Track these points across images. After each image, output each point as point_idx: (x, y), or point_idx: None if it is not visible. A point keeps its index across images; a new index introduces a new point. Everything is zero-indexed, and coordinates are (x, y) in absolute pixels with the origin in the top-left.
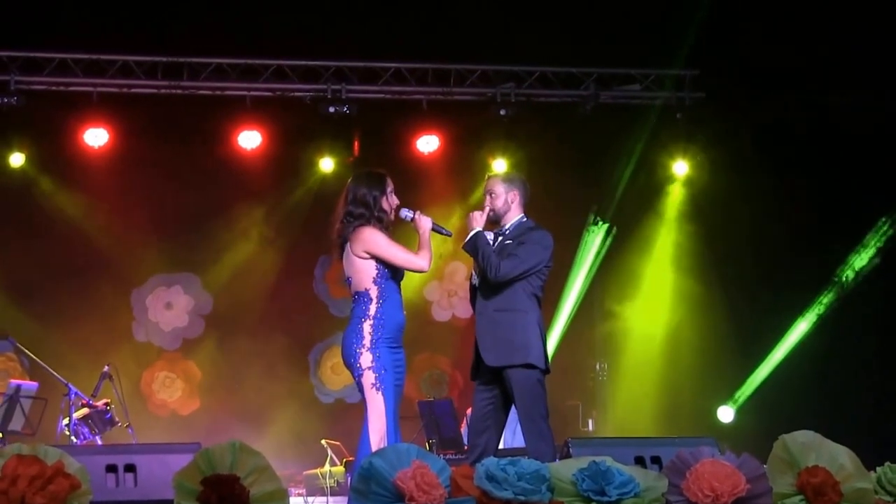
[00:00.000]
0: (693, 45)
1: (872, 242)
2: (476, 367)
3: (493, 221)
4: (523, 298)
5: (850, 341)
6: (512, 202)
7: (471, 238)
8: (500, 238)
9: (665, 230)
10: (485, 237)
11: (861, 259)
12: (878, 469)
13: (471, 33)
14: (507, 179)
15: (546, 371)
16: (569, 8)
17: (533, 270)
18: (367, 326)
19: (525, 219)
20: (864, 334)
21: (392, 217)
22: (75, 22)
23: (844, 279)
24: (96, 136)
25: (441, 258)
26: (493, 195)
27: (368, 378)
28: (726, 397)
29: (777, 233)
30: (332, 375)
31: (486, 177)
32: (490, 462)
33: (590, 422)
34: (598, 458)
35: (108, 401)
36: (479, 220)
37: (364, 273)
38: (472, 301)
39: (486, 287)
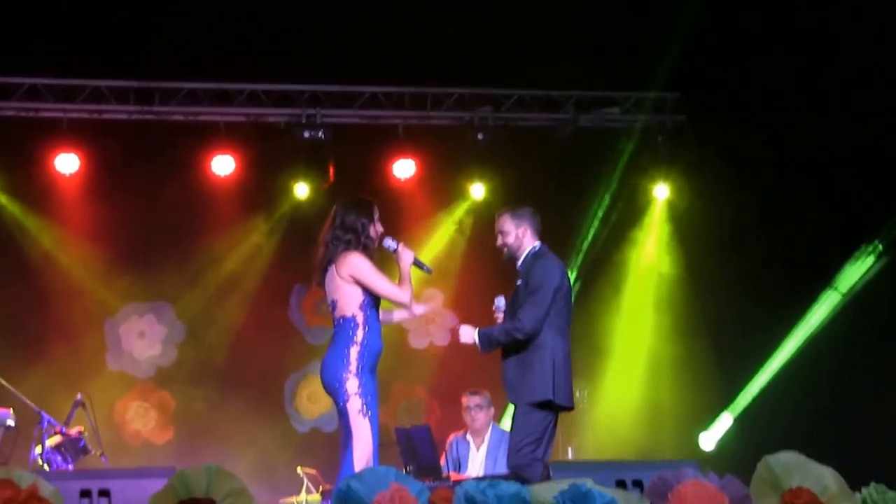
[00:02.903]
0: (674, 67)
1: (858, 265)
2: None
3: (510, 258)
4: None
5: (834, 366)
6: (523, 236)
7: (482, 343)
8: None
9: (645, 254)
10: (485, 331)
11: (844, 285)
12: (864, 490)
13: (448, 56)
14: (516, 215)
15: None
16: (547, 30)
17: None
18: (353, 352)
19: (536, 247)
20: (847, 358)
21: (376, 246)
22: (45, 47)
23: (829, 305)
24: (67, 163)
25: (417, 285)
26: (503, 234)
27: (355, 404)
28: (709, 423)
29: (760, 256)
30: (309, 404)
31: (496, 216)
32: (469, 485)
33: (569, 450)
34: (578, 481)
35: (82, 429)
36: (468, 332)
37: (351, 298)
38: None
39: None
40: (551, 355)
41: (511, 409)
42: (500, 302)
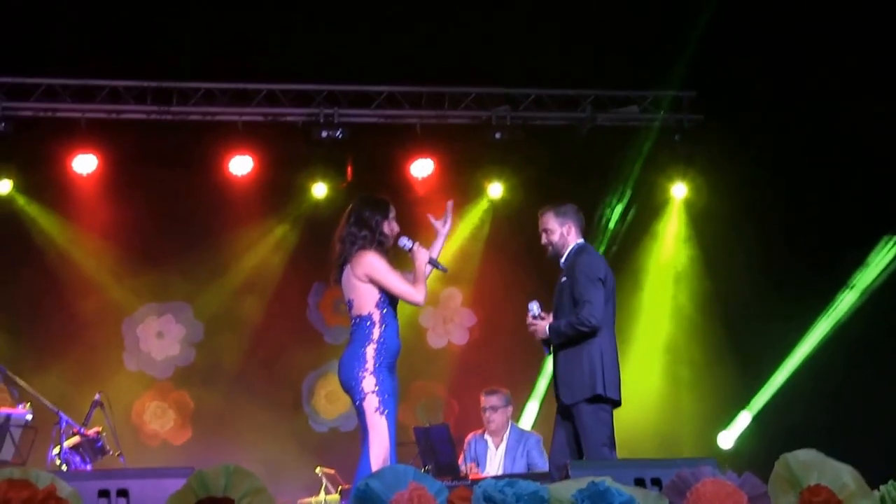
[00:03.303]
0: (690, 66)
1: (876, 263)
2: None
3: (555, 256)
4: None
5: (853, 362)
6: (568, 234)
7: (552, 336)
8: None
9: (663, 253)
10: (553, 325)
11: (864, 281)
12: (882, 487)
13: (465, 55)
14: (559, 212)
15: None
16: (564, 29)
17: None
18: (370, 350)
19: (580, 243)
20: (867, 355)
21: (391, 244)
22: (62, 47)
23: (848, 301)
24: (85, 163)
25: (436, 284)
26: (548, 232)
27: (371, 402)
28: (727, 422)
29: (778, 255)
30: (327, 404)
31: (539, 215)
32: (487, 483)
33: None
34: (597, 479)
35: (100, 429)
36: (543, 327)
37: (367, 297)
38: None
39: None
40: (599, 349)
41: (533, 406)
42: (534, 307)
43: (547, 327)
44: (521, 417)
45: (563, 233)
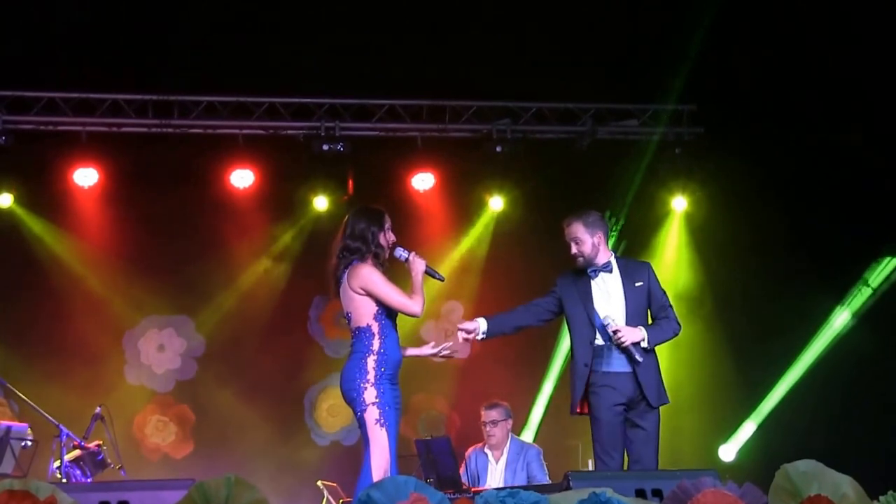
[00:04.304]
0: (690, 79)
1: (875, 275)
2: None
3: (586, 266)
4: None
5: (854, 375)
6: (599, 243)
7: (653, 339)
8: (599, 274)
9: (664, 266)
10: (654, 330)
11: (864, 294)
12: (882, 498)
13: (465, 69)
14: (588, 223)
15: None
16: (565, 43)
17: None
18: (371, 361)
19: (616, 254)
20: (867, 367)
21: (387, 255)
22: (63, 61)
23: (849, 313)
24: (86, 176)
25: (437, 297)
26: (578, 242)
27: (372, 414)
28: (728, 434)
29: (779, 267)
30: (328, 417)
31: (564, 224)
32: (489, 494)
33: (589, 462)
34: (598, 490)
35: (101, 442)
36: (636, 333)
37: (365, 309)
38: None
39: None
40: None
41: (535, 419)
42: (610, 320)
43: (646, 332)
44: (524, 430)
45: (594, 243)
